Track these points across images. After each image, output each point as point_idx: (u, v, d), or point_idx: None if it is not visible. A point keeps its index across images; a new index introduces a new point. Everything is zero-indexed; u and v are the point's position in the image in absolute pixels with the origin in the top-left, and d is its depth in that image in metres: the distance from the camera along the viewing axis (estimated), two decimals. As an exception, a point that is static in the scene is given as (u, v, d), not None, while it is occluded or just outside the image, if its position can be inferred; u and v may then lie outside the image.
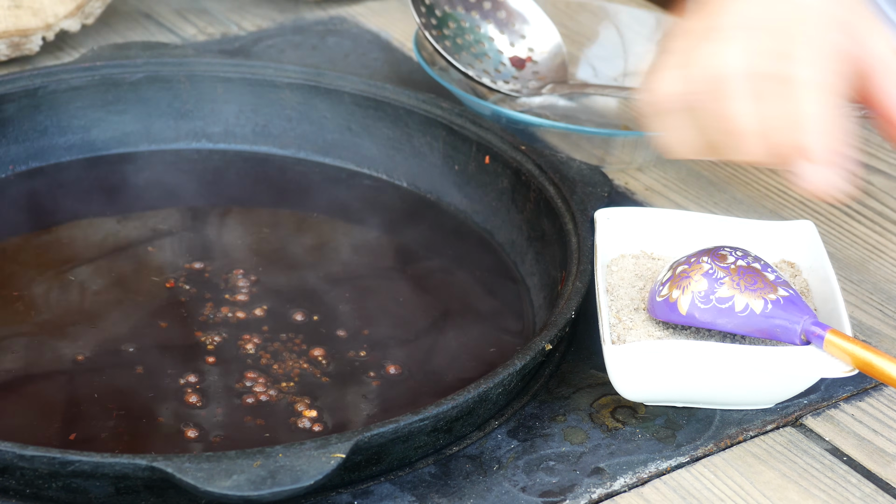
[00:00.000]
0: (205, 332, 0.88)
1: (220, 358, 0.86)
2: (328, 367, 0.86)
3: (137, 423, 0.81)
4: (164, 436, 0.80)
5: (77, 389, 0.83)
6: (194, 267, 0.94)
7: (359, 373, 0.86)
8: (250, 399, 0.83)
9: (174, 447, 0.79)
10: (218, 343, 0.87)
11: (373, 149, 1.06)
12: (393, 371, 0.86)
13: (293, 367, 0.86)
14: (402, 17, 1.31)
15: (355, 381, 0.85)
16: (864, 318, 0.94)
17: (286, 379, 0.84)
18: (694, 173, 1.10)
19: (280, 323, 0.90)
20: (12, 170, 1.03)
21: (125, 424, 0.80)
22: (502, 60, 1.12)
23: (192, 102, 1.07)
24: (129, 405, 0.82)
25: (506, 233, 0.99)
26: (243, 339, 0.88)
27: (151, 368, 0.85)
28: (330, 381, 0.85)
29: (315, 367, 0.86)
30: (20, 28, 1.16)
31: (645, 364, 0.80)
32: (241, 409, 0.82)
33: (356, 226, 1.02)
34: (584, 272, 0.86)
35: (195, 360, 0.86)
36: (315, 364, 0.86)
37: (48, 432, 0.80)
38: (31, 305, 0.90)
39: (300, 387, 0.84)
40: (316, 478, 0.69)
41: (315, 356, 0.87)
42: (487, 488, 0.77)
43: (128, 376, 0.84)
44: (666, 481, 0.79)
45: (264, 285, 0.93)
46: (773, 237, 0.90)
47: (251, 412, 0.82)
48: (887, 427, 0.84)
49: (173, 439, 0.79)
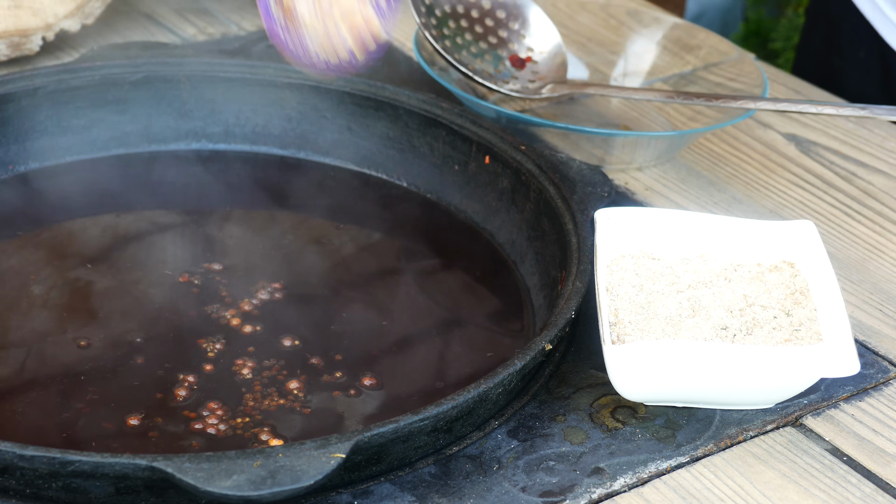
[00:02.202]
0: (205, 338, 0.88)
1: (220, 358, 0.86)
2: (329, 369, 0.86)
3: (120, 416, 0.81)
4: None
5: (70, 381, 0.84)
6: (194, 268, 0.94)
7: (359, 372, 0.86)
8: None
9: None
10: (218, 351, 0.87)
11: (373, 149, 1.06)
12: (392, 371, 0.86)
13: (297, 364, 0.86)
14: (402, 17, 1.31)
15: (356, 381, 0.85)
16: (864, 318, 0.94)
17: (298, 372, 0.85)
18: (694, 173, 1.10)
19: (279, 322, 0.90)
20: (12, 170, 1.03)
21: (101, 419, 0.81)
22: (502, 60, 1.12)
23: (192, 102, 1.07)
24: (112, 394, 0.82)
25: (506, 233, 0.99)
26: (244, 332, 0.88)
27: (150, 361, 0.85)
28: (330, 382, 0.85)
29: (321, 369, 0.86)
30: (20, 28, 1.16)
31: (645, 364, 0.80)
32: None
33: (356, 226, 1.02)
34: (584, 272, 0.86)
35: (191, 364, 0.86)
36: (316, 370, 0.86)
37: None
38: (29, 305, 0.90)
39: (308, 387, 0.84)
40: (316, 478, 0.69)
41: (313, 364, 0.87)
42: (487, 488, 0.77)
43: (122, 370, 0.84)
44: (666, 481, 0.79)
45: (264, 285, 0.93)
46: (773, 237, 0.90)
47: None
48: (887, 427, 0.84)
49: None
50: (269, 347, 0.87)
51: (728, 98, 1.03)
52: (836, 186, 1.09)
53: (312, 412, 0.82)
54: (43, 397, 0.83)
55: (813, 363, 0.79)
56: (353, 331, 0.90)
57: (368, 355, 0.88)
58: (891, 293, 0.96)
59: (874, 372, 0.88)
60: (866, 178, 1.11)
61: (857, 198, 1.08)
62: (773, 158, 1.13)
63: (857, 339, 0.91)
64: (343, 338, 0.89)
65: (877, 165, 1.12)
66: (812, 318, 0.84)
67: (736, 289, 0.86)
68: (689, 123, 1.13)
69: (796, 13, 2.44)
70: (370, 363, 0.87)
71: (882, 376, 0.88)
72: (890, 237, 1.03)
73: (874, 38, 1.29)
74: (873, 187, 1.09)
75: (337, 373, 0.86)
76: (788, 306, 0.85)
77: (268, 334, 0.89)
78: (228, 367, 0.85)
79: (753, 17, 2.50)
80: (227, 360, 0.86)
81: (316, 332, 0.89)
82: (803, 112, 0.99)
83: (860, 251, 1.01)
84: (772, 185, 1.09)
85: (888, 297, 0.96)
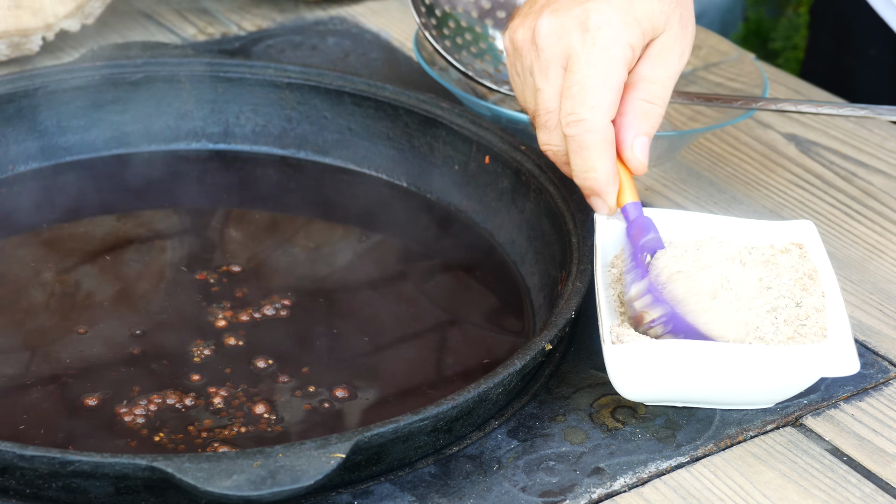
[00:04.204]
0: (204, 340, 0.88)
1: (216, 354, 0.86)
2: (331, 357, 0.86)
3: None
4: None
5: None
6: (192, 268, 0.94)
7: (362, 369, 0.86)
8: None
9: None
10: (207, 356, 0.87)
11: (373, 149, 1.06)
12: (392, 371, 0.86)
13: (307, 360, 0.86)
14: (402, 17, 1.32)
15: (359, 377, 0.85)
16: (864, 318, 0.94)
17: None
18: (694, 173, 1.10)
19: (279, 322, 0.90)
20: (12, 170, 1.03)
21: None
22: (502, 60, 1.12)
23: (192, 102, 1.07)
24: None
25: (506, 233, 0.99)
26: (242, 332, 0.88)
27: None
28: (337, 372, 0.85)
29: (321, 369, 0.86)
30: (20, 28, 1.16)
31: (645, 364, 0.79)
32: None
33: (356, 226, 1.02)
34: (584, 272, 0.86)
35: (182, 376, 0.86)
36: (316, 370, 0.86)
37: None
38: (29, 305, 0.90)
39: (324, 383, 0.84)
40: (316, 478, 0.69)
41: (310, 365, 0.87)
42: (487, 488, 0.77)
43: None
44: (666, 481, 0.79)
45: (263, 285, 0.93)
46: (773, 237, 0.90)
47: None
48: (887, 427, 0.84)
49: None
50: (269, 348, 0.87)
51: (728, 98, 1.03)
52: (836, 186, 1.09)
53: (311, 411, 0.82)
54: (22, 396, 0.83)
55: (813, 363, 0.79)
56: (352, 331, 0.90)
57: (367, 355, 0.88)
58: (891, 293, 0.96)
59: (874, 372, 0.88)
60: (866, 178, 1.11)
61: (857, 198, 1.08)
62: (773, 158, 1.13)
63: (857, 339, 0.91)
64: (341, 338, 0.89)
65: (877, 165, 1.12)
66: (819, 309, 0.83)
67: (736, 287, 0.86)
68: (689, 123, 1.13)
69: (796, 13, 2.44)
70: (370, 363, 0.87)
71: (882, 376, 0.88)
72: (890, 237, 1.03)
73: (886, 35, 1.29)
74: (873, 187, 1.09)
75: (334, 373, 0.86)
76: (797, 294, 0.84)
77: (267, 335, 0.89)
78: (220, 370, 0.85)
79: (753, 17, 2.50)
80: (219, 365, 0.86)
81: (316, 333, 0.89)
82: (803, 112, 0.99)
83: (860, 251, 1.01)
84: (772, 185, 1.09)
85: (888, 297, 0.96)
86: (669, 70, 0.87)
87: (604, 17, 0.85)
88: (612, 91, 0.84)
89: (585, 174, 0.86)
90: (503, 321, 0.94)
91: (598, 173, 0.85)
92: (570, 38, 0.85)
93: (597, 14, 0.85)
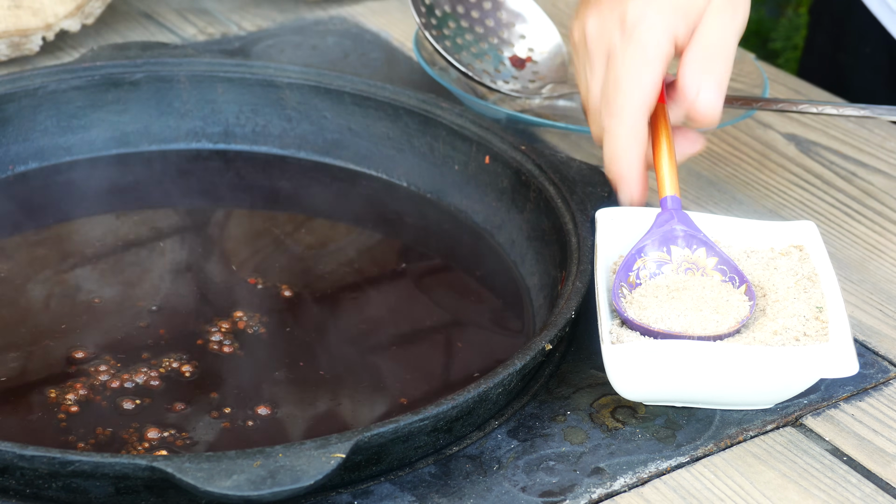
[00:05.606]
0: (203, 337, 0.88)
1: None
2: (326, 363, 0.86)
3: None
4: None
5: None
6: (191, 269, 0.94)
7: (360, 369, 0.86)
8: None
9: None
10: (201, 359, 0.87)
11: (373, 149, 1.06)
12: (391, 371, 0.86)
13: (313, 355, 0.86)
14: (402, 17, 1.32)
15: (355, 379, 0.85)
16: (864, 318, 0.94)
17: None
18: (694, 173, 1.10)
19: (277, 322, 0.90)
20: (12, 170, 1.03)
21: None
22: (502, 60, 1.12)
23: (192, 102, 1.07)
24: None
25: (506, 233, 0.99)
26: (245, 333, 0.88)
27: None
28: (330, 378, 0.85)
29: (320, 370, 0.86)
30: (20, 28, 1.16)
31: (644, 364, 0.80)
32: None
33: (356, 226, 1.02)
34: (584, 272, 0.86)
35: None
36: (315, 370, 0.86)
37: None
38: (29, 305, 0.90)
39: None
40: (316, 478, 0.69)
41: (309, 366, 0.87)
42: (487, 488, 0.77)
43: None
44: (666, 481, 0.79)
45: (263, 285, 0.93)
46: (773, 237, 0.90)
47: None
48: (887, 427, 0.84)
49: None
50: (269, 348, 0.87)
51: (728, 98, 1.03)
52: (836, 186, 1.09)
53: (315, 408, 0.82)
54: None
55: (812, 363, 0.79)
56: (351, 331, 0.90)
57: (366, 355, 0.88)
58: (891, 293, 0.96)
59: (874, 372, 0.88)
60: (866, 178, 1.11)
61: (857, 198, 1.08)
62: (773, 158, 1.13)
63: (856, 339, 0.91)
64: (340, 339, 0.89)
65: (877, 165, 1.12)
66: (819, 310, 0.83)
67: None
68: (688, 123, 1.13)
69: (796, 13, 2.44)
70: (370, 363, 0.87)
71: (882, 376, 0.88)
72: (890, 237, 1.03)
73: (881, 34, 1.29)
74: (873, 187, 1.09)
75: (335, 372, 0.86)
76: (797, 295, 0.84)
77: (266, 336, 0.89)
78: (214, 370, 0.86)
79: (753, 17, 2.50)
80: (211, 369, 0.86)
81: (315, 333, 0.89)
82: (803, 112, 0.99)
83: (860, 251, 1.01)
84: (772, 185, 1.09)
85: (888, 297, 0.96)
86: (724, 32, 0.89)
87: (639, 12, 0.88)
88: (643, 87, 0.88)
89: (610, 164, 0.91)
90: (503, 321, 0.94)
91: (621, 164, 0.90)
92: (612, 36, 0.89)
93: (633, 11, 0.88)
